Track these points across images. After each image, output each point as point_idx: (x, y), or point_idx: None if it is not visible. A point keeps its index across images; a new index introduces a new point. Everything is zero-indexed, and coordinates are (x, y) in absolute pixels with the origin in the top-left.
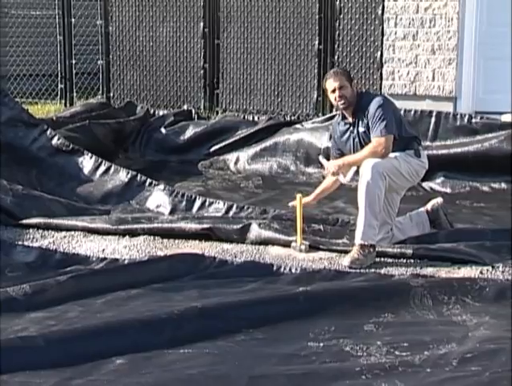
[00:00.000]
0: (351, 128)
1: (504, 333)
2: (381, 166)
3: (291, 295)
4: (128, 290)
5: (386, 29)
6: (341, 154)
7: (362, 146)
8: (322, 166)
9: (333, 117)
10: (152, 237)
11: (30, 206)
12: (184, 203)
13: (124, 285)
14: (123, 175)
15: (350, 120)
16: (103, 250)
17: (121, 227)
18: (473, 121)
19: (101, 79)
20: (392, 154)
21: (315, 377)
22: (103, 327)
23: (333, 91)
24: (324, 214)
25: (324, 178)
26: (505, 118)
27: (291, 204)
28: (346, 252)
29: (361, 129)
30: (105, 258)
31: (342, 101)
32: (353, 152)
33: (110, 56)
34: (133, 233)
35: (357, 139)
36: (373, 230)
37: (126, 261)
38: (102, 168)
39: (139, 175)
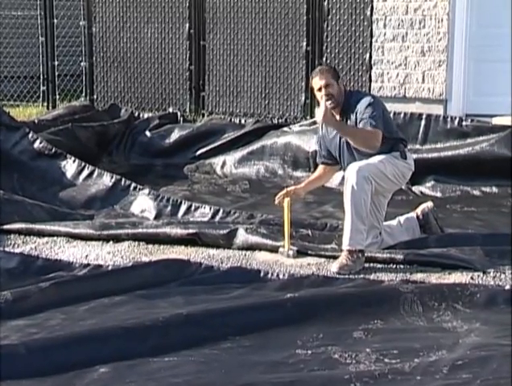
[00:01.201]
0: None
1: (495, 339)
2: (366, 170)
3: (279, 301)
4: (112, 297)
5: (375, 30)
6: (330, 154)
7: (349, 147)
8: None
9: None
10: (137, 243)
11: (11, 211)
12: (170, 207)
13: (107, 292)
14: (107, 179)
15: (338, 118)
16: (86, 256)
17: (105, 232)
18: (464, 123)
19: (85, 81)
20: (378, 157)
21: (304, 385)
22: (86, 335)
23: (319, 89)
24: (312, 218)
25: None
26: (497, 121)
27: (278, 200)
28: (335, 257)
29: None
30: (88, 264)
31: (329, 100)
32: (340, 153)
33: (94, 58)
34: (117, 239)
35: (343, 139)
36: (360, 235)
37: (110, 267)
38: (85, 172)
39: (123, 179)
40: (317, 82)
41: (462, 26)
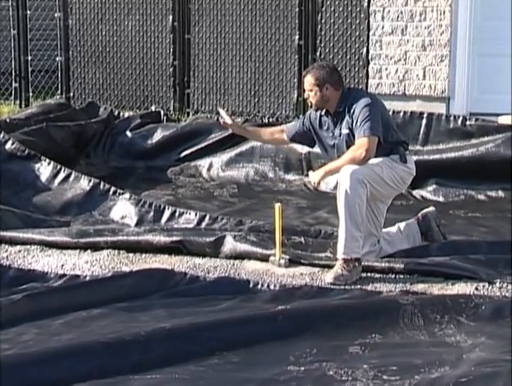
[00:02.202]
0: (332, 128)
1: (501, 355)
2: (360, 172)
3: (269, 314)
4: (90, 310)
5: (373, 23)
6: (304, 135)
7: (346, 145)
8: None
9: None
10: (116, 251)
11: None
12: (152, 213)
13: (85, 305)
14: (84, 183)
15: (332, 117)
16: (62, 266)
17: (83, 240)
18: (468, 123)
19: (60, 77)
20: (375, 160)
21: None
22: (62, 351)
23: (304, 90)
24: (305, 225)
25: (305, 186)
26: (503, 120)
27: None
28: (329, 266)
29: (345, 131)
30: (64, 275)
31: (310, 103)
32: (337, 157)
33: (70, 52)
34: (95, 247)
35: (338, 141)
36: (356, 242)
37: (88, 278)
38: (61, 175)
39: (102, 183)
40: (303, 82)
41: (466, 18)
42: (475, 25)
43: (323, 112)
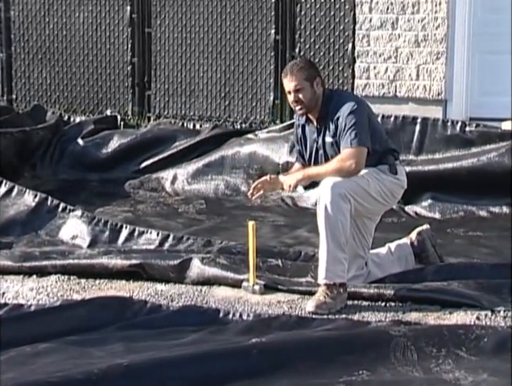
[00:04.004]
0: (315, 136)
1: None
2: (342, 185)
3: (242, 348)
4: (35, 344)
5: (359, 15)
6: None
7: (328, 161)
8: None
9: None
10: (66, 277)
11: None
12: (107, 233)
13: (30, 338)
14: (29, 199)
15: (315, 124)
16: (3, 294)
17: (27, 264)
18: (467, 129)
19: (1, 76)
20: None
21: None
22: None
23: (289, 92)
24: (283, 246)
25: (283, 201)
26: (507, 126)
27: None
28: (310, 293)
29: (328, 140)
30: (5, 304)
31: (298, 107)
32: (317, 158)
33: (12, 48)
34: (42, 272)
35: (321, 151)
36: (340, 265)
37: (33, 308)
38: (2, 189)
39: (50, 199)
40: (287, 84)
41: (464, 10)
42: (475, 18)
43: (303, 121)
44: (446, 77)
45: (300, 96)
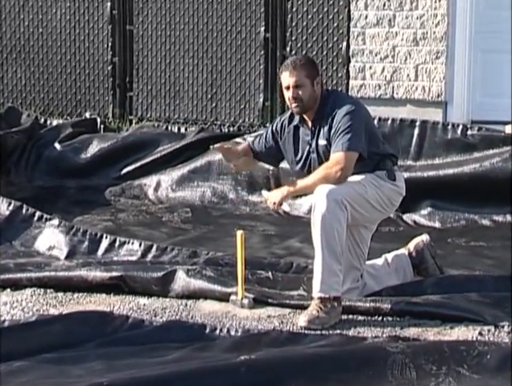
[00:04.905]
0: (309, 138)
1: None
2: (339, 192)
3: (230, 366)
4: (9, 363)
5: (354, 12)
6: (269, 154)
7: (320, 165)
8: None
9: None
10: (42, 290)
11: None
12: (87, 243)
13: (4, 356)
14: (3, 207)
15: (310, 125)
16: None
17: (0, 276)
18: (469, 133)
19: None
20: (356, 177)
21: None
22: None
23: (287, 88)
24: (273, 257)
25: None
26: (510, 129)
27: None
28: (303, 307)
29: (322, 142)
30: None
31: (295, 104)
32: (311, 172)
33: None
34: (16, 285)
35: (314, 154)
36: (335, 277)
37: (7, 323)
38: None
39: (25, 207)
40: (286, 78)
41: (466, 6)
42: (477, 15)
43: (296, 122)
44: (446, 78)
45: (300, 92)
